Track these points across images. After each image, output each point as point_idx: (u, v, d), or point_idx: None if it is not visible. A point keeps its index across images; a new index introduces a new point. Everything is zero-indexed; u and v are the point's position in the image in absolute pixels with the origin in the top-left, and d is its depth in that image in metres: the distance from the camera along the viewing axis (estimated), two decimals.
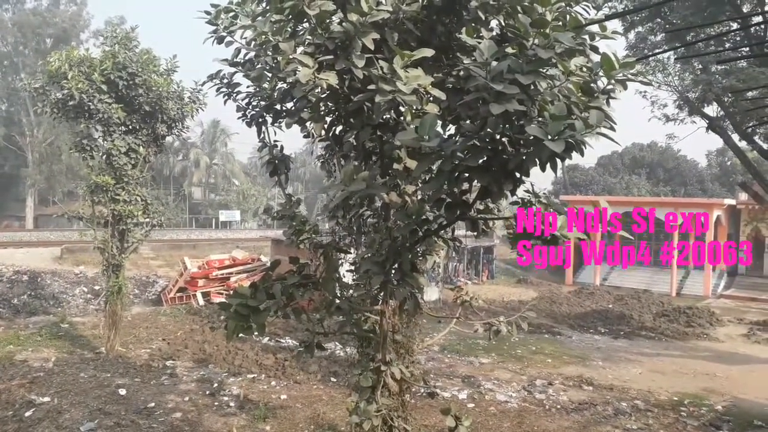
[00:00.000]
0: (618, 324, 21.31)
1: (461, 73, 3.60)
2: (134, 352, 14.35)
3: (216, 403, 10.77)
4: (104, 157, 13.13)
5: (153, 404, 10.45)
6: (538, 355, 15.90)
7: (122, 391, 11.01)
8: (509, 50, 3.18)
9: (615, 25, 21.61)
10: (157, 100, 13.29)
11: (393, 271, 3.97)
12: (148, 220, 14.00)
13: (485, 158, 3.18)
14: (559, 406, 11.39)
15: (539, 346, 16.91)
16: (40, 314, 19.02)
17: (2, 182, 55.87)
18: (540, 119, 3.08)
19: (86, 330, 16.41)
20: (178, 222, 56.31)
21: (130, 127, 13.28)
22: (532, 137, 2.93)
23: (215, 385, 11.89)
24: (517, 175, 3.27)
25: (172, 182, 61.51)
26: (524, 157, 3.08)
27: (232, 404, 10.77)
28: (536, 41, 3.14)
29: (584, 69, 3.29)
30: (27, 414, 9.80)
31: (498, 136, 3.13)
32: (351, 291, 4.75)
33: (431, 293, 22.33)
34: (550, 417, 10.75)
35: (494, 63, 3.03)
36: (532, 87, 3.07)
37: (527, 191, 3.80)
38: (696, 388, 13.08)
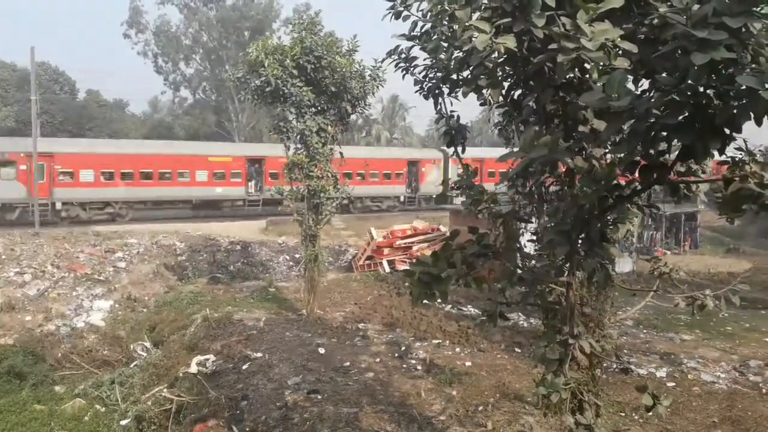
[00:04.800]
0: None
1: (655, 21, 3.25)
2: (330, 314, 15.65)
3: (404, 366, 11.34)
4: (298, 137, 14.30)
5: (348, 363, 11.34)
6: (752, 333, 14.12)
7: (321, 350, 12.11)
8: None
9: None
10: (341, 80, 14.03)
11: (580, 241, 3.77)
12: (338, 194, 15.04)
13: (686, 114, 2.86)
14: None
15: (754, 324, 14.99)
16: (252, 279, 21.62)
17: None
18: (754, 66, 2.67)
19: (289, 294, 18.28)
20: None
21: (319, 108, 14.25)
22: (744, 88, 2.57)
23: (403, 348, 12.51)
24: (726, 131, 2.88)
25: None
26: (735, 111, 2.72)
27: (419, 367, 11.25)
28: None
29: None
30: (244, 367, 11.27)
31: (701, 89, 2.78)
32: (533, 261, 4.62)
33: (624, 264, 20.95)
34: None
35: (696, 7, 2.69)
36: (744, 30, 2.66)
37: (738, 149, 3.34)
38: None
